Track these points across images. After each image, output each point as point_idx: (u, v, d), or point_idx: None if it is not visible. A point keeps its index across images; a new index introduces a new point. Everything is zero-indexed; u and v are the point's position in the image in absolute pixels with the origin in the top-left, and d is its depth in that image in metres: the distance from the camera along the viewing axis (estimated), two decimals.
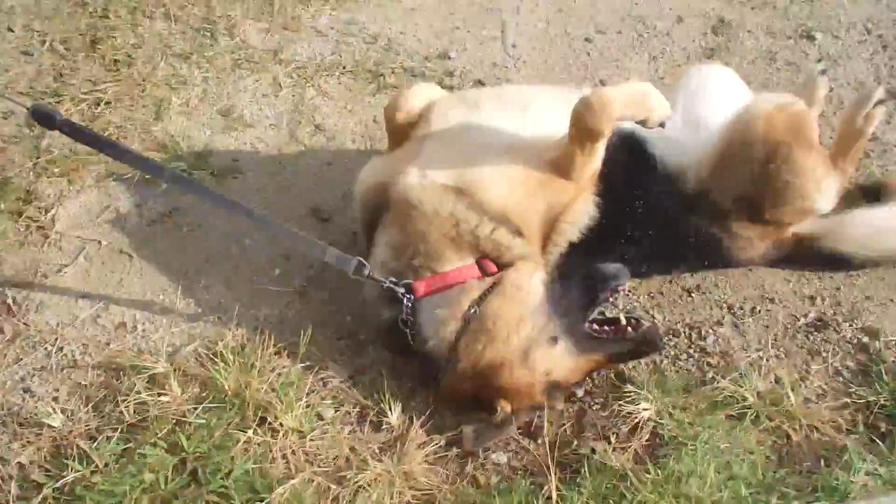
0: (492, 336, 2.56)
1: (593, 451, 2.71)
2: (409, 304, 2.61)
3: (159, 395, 2.71)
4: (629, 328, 2.74)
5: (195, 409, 2.67)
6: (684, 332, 3.04)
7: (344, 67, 3.79)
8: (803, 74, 3.89)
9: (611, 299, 2.90)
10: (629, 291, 3.12)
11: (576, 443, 2.74)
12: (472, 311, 2.58)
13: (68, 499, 2.52)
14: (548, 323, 2.60)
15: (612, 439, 2.75)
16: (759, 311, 3.11)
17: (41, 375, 2.81)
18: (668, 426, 2.75)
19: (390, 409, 2.73)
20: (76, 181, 3.30)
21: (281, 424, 2.66)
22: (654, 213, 2.90)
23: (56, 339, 2.89)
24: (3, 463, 2.60)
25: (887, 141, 3.63)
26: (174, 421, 2.66)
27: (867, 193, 3.34)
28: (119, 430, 2.65)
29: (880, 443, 2.71)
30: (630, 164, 2.91)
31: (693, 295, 3.14)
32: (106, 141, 2.99)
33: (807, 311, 3.12)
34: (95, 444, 2.62)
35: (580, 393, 2.87)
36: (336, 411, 2.77)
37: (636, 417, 2.78)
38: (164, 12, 3.92)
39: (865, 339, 3.06)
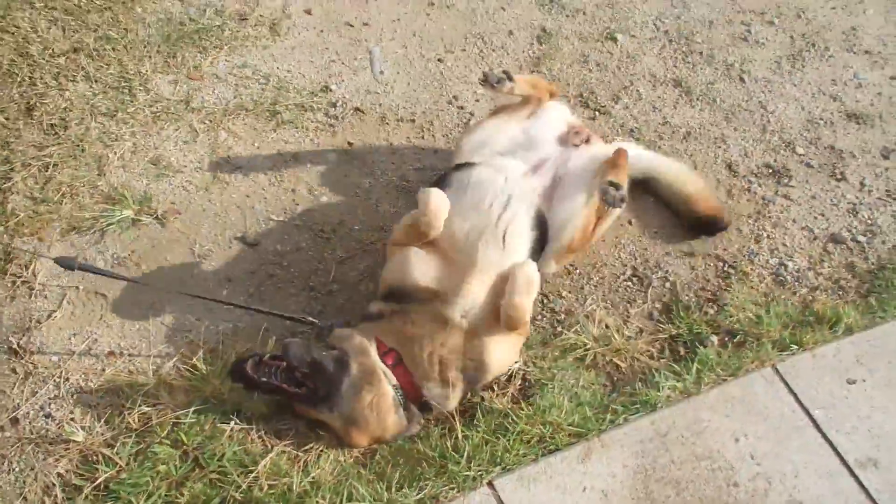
0: None
1: (482, 398, 3.61)
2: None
3: (154, 405, 3.47)
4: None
5: (186, 411, 3.44)
6: (538, 300, 3.98)
7: (246, 110, 4.52)
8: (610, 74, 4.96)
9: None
10: None
11: (470, 394, 3.64)
12: None
13: (104, 494, 3.26)
14: None
15: (495, 388, 3.65)
16: (591, 275, 4.13)
17: (56, 402, 3.51)
18: (534, 372, 3.69)
19: None
20: (45, 238, 3.96)
21: (253, 413, 3.50)
22: None
23: (61, 372, 3.58)
24: (45, 475, 3.30)
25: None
26: (172, 423, 3.43)
27: None
28: (130, 436, 3.39)
29: (676, 365, 3.73)
30: None
31: None
32: (102, 270, 3.78)
33: (624, 269, 4.15)
34: (115, 449, 3.35)
35: None
36: None
37: (510, 369, 3.72)
38: (84, 75, 4.52)
39: (667, 286, 4.12)
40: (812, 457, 3.49)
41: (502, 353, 3.57)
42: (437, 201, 3.58)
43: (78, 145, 4.28)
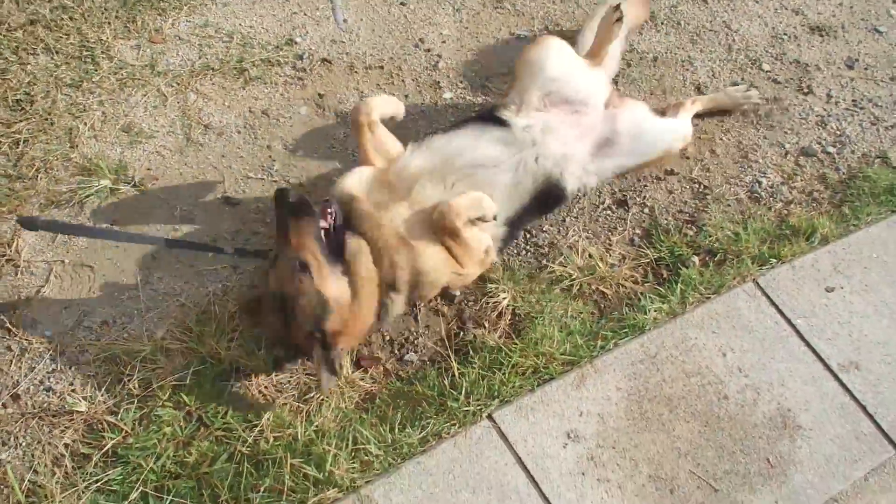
0: None
1: (475, 336, 3.70)
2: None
3: (153, 369, 3.53)
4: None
5: (185, 373, 3.51)
6: (521, 234, 4.04)
7: (213, 69, 4.47)
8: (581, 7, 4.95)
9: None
10: None
11: (461, 333, 3.73)
12: None
13: (114, 459, 3.33)
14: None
15: (486, 324, 3.73)
16: (571, 206, 4.18)
17: (55, 376, 3.54)
18: (522, 306, 3.77)
19: None
20: (24, 215, 3.98)
21: (251, 370, 3.57)
22: None
23: (56, 346, 3.60)
24: (52, 447, 3.36)
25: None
26: (172, 386, 3.48)
27: None
28: (133, 402, 3.44)
29: (660, 288, 3.84)
30: None
31: None
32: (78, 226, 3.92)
33: (602, 198, 4.22)
34: (118, 416, 3.41)
35: (457, 295, 3.91)
36: None
37: (499, 305, 3.78)
38: (44, 47, 4.45)
39: (646, 211, 4.21)
40: (797, 364, 3.61)
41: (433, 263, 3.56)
42: (382, 98, 3.92)
43: (46, 119, 4.23)
